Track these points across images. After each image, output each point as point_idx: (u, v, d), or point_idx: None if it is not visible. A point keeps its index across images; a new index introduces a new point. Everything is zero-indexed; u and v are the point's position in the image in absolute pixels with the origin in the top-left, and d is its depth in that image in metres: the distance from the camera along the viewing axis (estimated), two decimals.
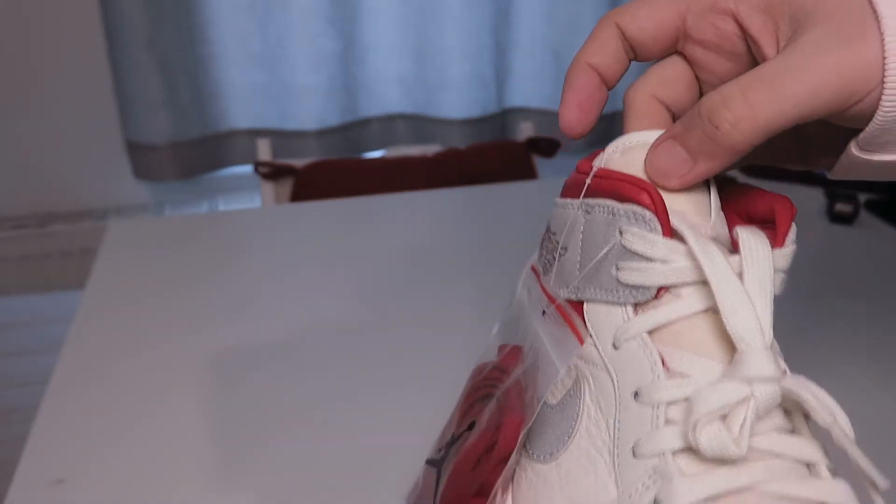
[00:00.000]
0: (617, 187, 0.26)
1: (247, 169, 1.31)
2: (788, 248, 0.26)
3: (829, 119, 0.24)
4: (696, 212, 0.26)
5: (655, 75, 0.28)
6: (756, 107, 0.23)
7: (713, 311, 0.24)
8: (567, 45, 1.31)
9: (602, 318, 0.26)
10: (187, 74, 1.21)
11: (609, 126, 1.30)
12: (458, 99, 1.31)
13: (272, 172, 1.06)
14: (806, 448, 0.24)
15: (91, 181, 1.30)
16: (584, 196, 0.27)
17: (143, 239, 0.71)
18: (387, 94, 1.31)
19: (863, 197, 0.75)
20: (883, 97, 0.22)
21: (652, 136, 0.27)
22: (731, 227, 0.27)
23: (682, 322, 0.25)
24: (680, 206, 0.26)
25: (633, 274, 0.25)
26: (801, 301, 0.59)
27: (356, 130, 1.32)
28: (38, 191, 1.28)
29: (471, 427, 0.28)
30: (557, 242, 0.29)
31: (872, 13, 0.22)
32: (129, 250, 0.68)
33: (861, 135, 0.24)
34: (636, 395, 0.24)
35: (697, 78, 0.28)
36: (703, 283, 0.24)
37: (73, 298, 0.66)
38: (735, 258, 0.25)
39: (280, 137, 1.27)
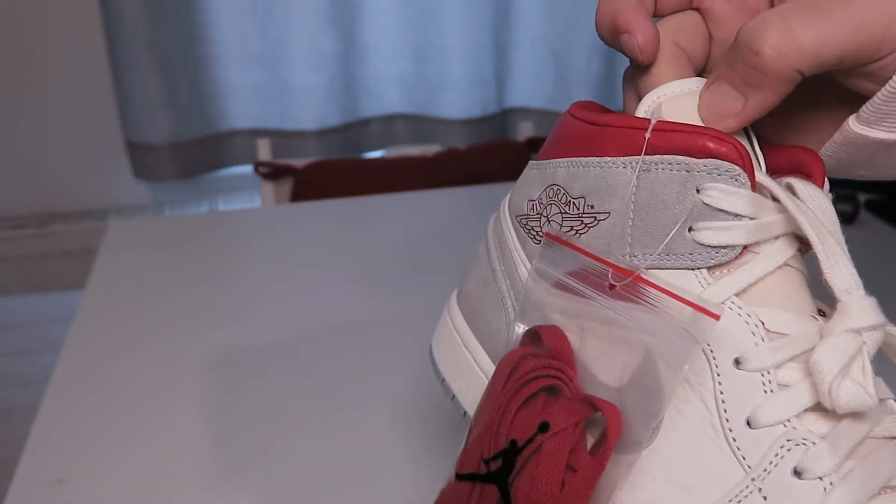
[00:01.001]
0: (692, 141, 0.23)
1: (247, 169, 1.31)
2: (829, 198, 0.25)
3: (851, 71, 0.23)
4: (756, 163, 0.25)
5: (674, 23, 0.27)
6: (797, 29, 0.22)
7: (788, 265, 0.24)
8: (567, 45, 1.31)
9: (674, 286, 0.23)
10: (187, 74, 1.21)
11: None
12: (458, 99, 1.31)
13: (272, 172, 1.05)
14: (880, 387, 0.24)
15: (91, 181, 1.30)
16: (645, 153, 0.24)
17: (143, 239, 0.71)
18: (387, 94, 1.31)
19: (863, 197, 0.75)
20: None
21: (693, 83, 0.25)
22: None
23: (765, 280, 0.23)
24: None
25: (718, 234, 0.23)
26: None
27: (356, 130, 1.32)
28: (38, 191, 1.28)
29: (543, 429, 0.24)
30: (591, 206, 0.26)
31: None
32: (129, 250, 0.68)
33: (869, 102, 0.24)
34: (738, 362, 0.23)
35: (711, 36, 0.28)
36: (780, 237, 0.24)
37: (73, 298, 0.66)
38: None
39: (280, 137, 1.27)
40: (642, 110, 0.26)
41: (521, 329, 0.28)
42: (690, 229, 0.23)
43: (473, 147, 1.16)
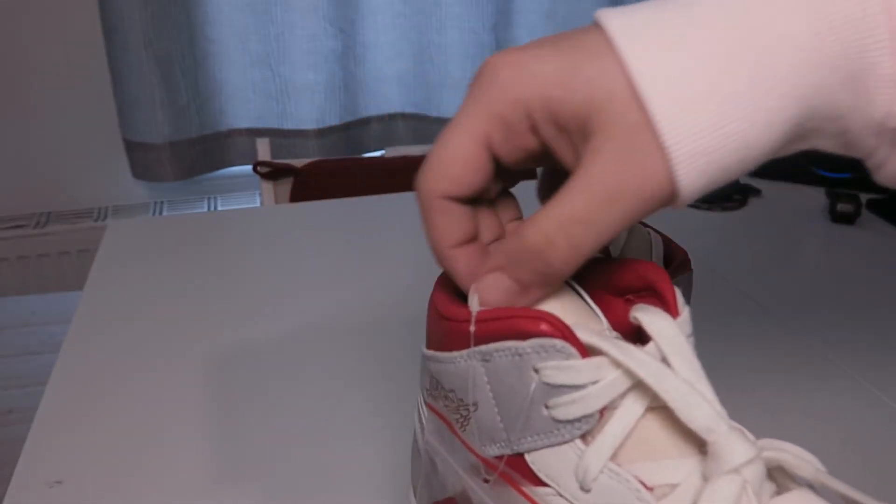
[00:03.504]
0: (512, 326, 0.24)
1: (246, 169, 1.31)
2: (685, 313, 0.25)
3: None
4: (587, 316, 0.25)
5: (442, 174, 0.26)
6: (581, 245, 0.24)
7: (653, 408, 0.23)
8: None
9: (553, 462, 0.24)
10: (186, 74, 1.20)
11: None
12: (458, 98, 1.30)
13: (272, 172, 1.05)
14: (803, 500, 0.23)
15: (90, 181, 1.30)
16: (474, 345, 0.25)
17: (141, 239, 0.70)
18: (387, 94, 1.31)
19: (864, 197, 0.75)
20: (679, 200, 0.23)
21: None
22: (601, 304, 0.26)
23: (635, 433, 0.23)
24: (573, 319, 0.24)
25: (571, 408, 0.23)
26: (802, 301, 0.58)
27: (356, 130, 1.32)
28: (36, 191, 1.28)
29: None
30: (461, 400, 0.26)
31: (648, 125, 0.22)
32: (127, 250, 0.68)
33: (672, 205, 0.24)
34: None
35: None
36: (635, 386, 0.23)
37: (72, 299, 0.66)
38: (650, 347, 0.23)
39: (279, 137, 1.27)
40: (472, 300, 0.26)
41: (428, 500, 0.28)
42: (547, 407, 0.23)
43: None
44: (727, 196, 0.76)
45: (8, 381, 1.27)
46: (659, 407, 0.23)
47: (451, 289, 0.28)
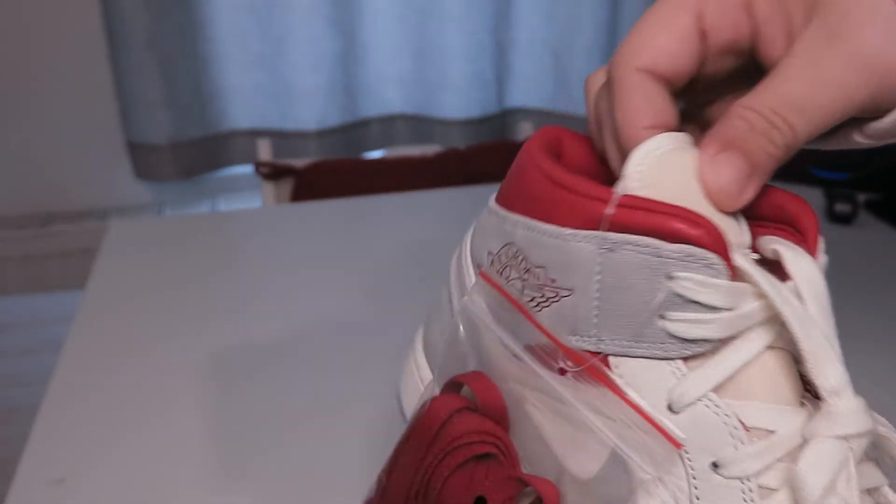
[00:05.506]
0: (663, 222, 0.21)
1: (247, 169, 1.31)
2: (822, 259, 0.23)
3: (862, 114, 0.22)
4: (734, 233, 0.22)
5: (646, 45, 0.23)
6: (824, 101, 0.21)
7: (771, 348, 0.22)
8: (567, 45, 1.31)
9: (642, 374, 0.21)
10: (188, 74, 1.21)
11: None
12: (458, 99, 1.31)
13: (272, 172, 1.06)
14: (873, 476, 0.22)
15: (92, 181, 1.30)
16: (603, 229, 0.21)
17: (143, 239, 0.71)
18: (387, 95, 1.31)
19: (862, 197, 0.75)
20: None
21: (676, 138, 0.22)
22: None
23: (746, 369, 0.21)
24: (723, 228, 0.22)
25: (693, 327, 0.21)
26: None
27: (356, 131, 1.32)
28: (38, 191, 1.28)
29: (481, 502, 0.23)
30: (552, 280, 0.23)
31: None
32: (129, 250, 0.68)
33: (879, 123, 0.22)
34: (716, 466, 0.21)
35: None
36: (765, 321, 0.21)
37: (74, 298, 0.66)
38: (790, 285, 0.21)
39: (280, 138, 1.27)
40: (632, 173, 0.22)
41: (444, 375, 0.25)
42: (665, 318, 0.21)
43: (473, 147, 1.16)
44: None
45: (10, 381, 1.28)
46: (777, 348, 0.22)
47: (552, 154, 0.25)
